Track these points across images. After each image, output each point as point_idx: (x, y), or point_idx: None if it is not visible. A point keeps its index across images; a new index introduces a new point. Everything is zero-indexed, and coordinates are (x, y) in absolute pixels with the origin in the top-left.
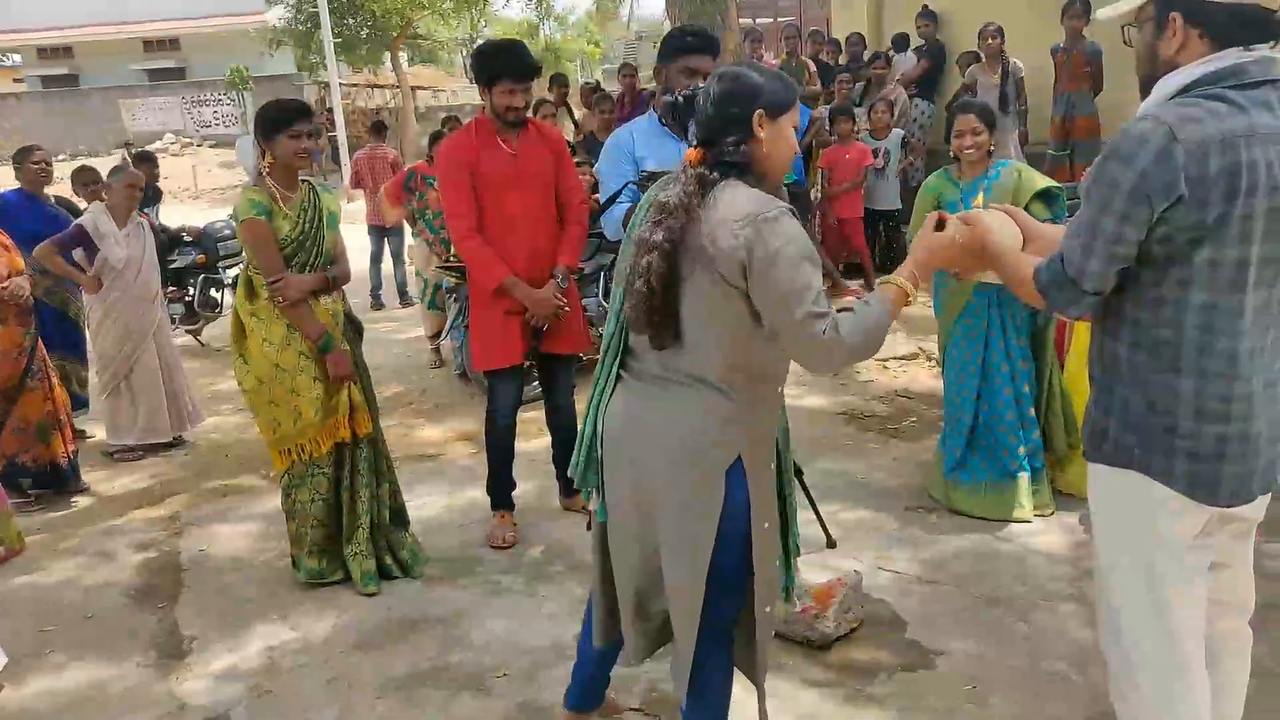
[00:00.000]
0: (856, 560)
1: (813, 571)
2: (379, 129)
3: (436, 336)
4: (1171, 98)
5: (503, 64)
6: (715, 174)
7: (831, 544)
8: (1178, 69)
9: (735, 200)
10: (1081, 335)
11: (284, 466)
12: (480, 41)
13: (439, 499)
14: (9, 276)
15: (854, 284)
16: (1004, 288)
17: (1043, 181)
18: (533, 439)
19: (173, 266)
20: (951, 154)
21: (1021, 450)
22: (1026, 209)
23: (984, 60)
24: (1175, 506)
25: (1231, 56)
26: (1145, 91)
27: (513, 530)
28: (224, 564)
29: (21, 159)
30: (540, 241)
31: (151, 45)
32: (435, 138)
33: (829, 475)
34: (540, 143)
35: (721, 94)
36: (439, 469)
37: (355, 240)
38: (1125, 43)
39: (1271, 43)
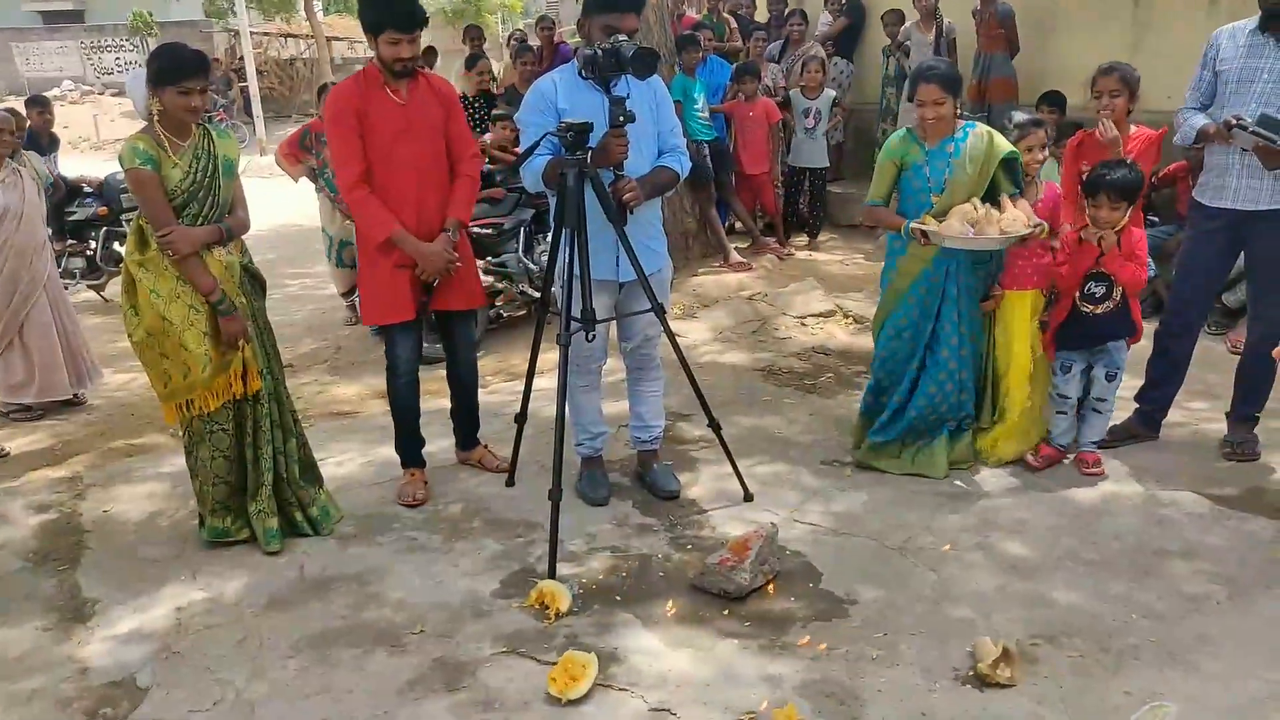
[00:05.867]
0: (773, 513)
1: (730, 524)
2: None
3: (349, 294)
4: None
5: (386, 13)
6: None
7: (749, 497)
8: None
9: None
10: (1015, 306)
11: (175, 421)
12: None
13: (354, 456)
14: None
15: (770, 240)
16: (965, 253)
17: (1008, 147)
18: (446, 397)
19: (73, 219)
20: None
21: (951, 420)
22: (993, 177)
23: (919, 19)
24: None
25: None
26: None
27: (423, 488)
28: (128, 525)
29: None
30: (431, 195)
31: None
32: (323, 90)
33: (747, 431)
34: (430, 94)
35: None
36: (354, 426)
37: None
38: None
39: None
